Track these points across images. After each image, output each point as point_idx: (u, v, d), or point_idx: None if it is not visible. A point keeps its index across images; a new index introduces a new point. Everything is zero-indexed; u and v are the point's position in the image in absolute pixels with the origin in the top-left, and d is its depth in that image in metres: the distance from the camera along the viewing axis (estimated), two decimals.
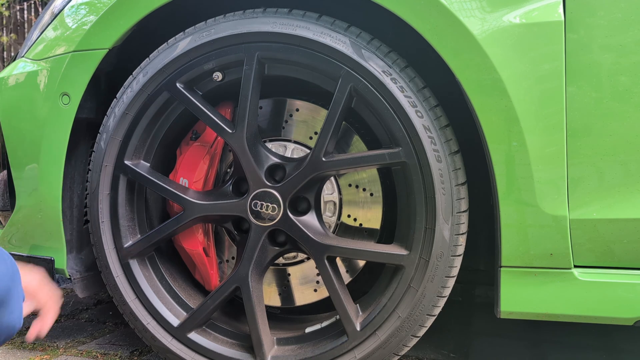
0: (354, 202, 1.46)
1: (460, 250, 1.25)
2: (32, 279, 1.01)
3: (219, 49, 1.32)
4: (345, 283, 1.40)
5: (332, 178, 1.44)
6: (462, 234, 1.24)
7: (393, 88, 1.22)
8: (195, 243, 1.49)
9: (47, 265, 1.50)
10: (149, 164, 1.44)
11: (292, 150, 1.46)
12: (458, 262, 1.26)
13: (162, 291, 1.46)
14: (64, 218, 1.50)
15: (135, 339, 1.71)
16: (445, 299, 1.28)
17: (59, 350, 1.65)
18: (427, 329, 1.30)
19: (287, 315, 1.60)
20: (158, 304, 1.43)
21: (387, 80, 1.22)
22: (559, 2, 1.13)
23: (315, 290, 1.51)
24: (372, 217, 1.46)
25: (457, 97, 1.26)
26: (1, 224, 1.73)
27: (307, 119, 1.48)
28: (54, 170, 1.46)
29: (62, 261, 1.50)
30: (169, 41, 1.39)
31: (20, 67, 1.57)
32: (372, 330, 1.29)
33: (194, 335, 1.41)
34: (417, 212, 1.24)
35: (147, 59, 1.40)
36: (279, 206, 1.32)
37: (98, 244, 1.44)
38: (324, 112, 1.46)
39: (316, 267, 1.36)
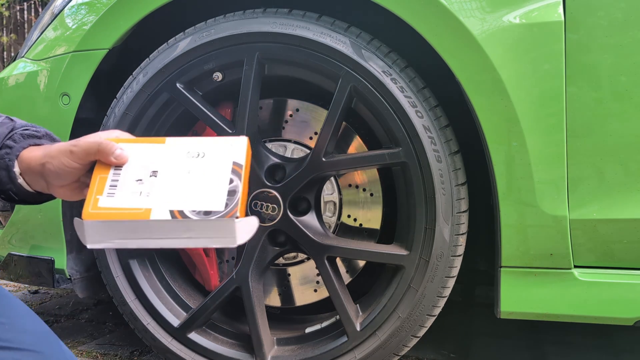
0: (354, 202, 1.46)
1: (461, 250, 1.25)
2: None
3: (219, 49, 1.32)
4: (346, 283, 1.40)
5: (332, 178, 1.44)
6: (462, 234, 1.24)
7: (393, 88, 1.22)
8: None
9: (47, 265, 1.50)
10: None
11: (292, 151, 1.46)
12: (458, 262, 1.26)
13: (162, 291, 1.45)
14: (64, 218, 1.50)
15: (135, 339, 1.70)
16: (445, 299, 1.28)
17: None
18: (427, 329, 1.30)
19: (287, 315, 1.59)
20: (158, 304, 1.43)
21: (387, 81, 1.22)
22: (559, 2, 1.13)
23: (315, 291, 1.51)
24: (372, 217, 1.46)
25: (457, 97, 1.26)
26: (1, 224, 1.72)
27: (307, 119, 1.48)
28: None
29: (62, 261, 1.50)
30: (169, 41, 1.39)
31: (20, 68, 1.57)
32: (372, 330, 1.29)
33: (194, 336, 1.41)
34: (417, 212, 1.24)
35: (147, 59, 1.40)
36: (279, 206, 1.32)
37: None
38: (324, 112, 1.46)
39: (316, 268, 1.36)
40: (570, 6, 1.12)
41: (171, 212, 0.75)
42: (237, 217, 0.74)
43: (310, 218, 1.34)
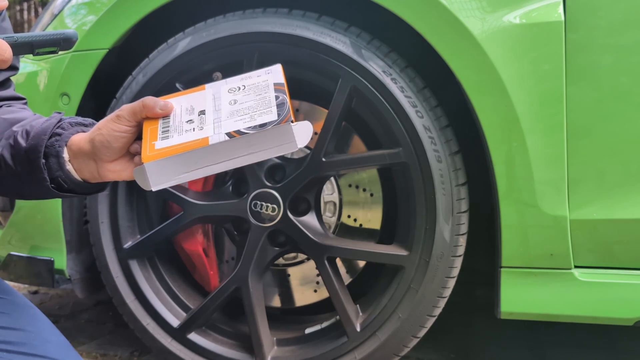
0: (354, 202, 1.46)
1: (461, 250, 1.25)
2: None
3: (218, 50, 1.32)
4: (346, 284, 1.40)
5: (332, 178, 1.44)
6: (462, 234, 1.24)
7: (393, 88, 1.22)
8: (195, 244, 1.48)
9: (47, 266, 1.50)
10: None
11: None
12: (458, 262, 1.26)
13: (162, 292, 1.45)
14: (63, 219, 1.50)
15: (135, 339, 1.70)
16: (445, 300, 1.28)
17: None
18: (427, 329, 1.29)
19: (287, 315, 1.59)
20: (158, 304, 1.43)
21: (387, 81, 1.22)
22: (559, 2, 1.13)
23: (315, 291, 1.51)
24: (372, 217, 1.46)
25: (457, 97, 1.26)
26: (1, 224, 1.72)
27: (306, 119, 1.47)
28: None
29: (61, 262, 1.50)
30: (168, 41, 1.38)
31: (20, 68, 1.57)
32: (372, 331, 1.29)
33: (193, 336, 1.41)
34: (417, 213, 1.24)
35: (146, 59, 1.39)
36: (279, 207, 1.32)
37: (97, 244, 1.44)
38: (323, 112, 1.45)
39: (316, 268, 1.36)
40: (570, 6, 1.12)
41: (228, 133, 0.77)
42: (292, 122, 0.77)
43: (310, 218, 1.34)
